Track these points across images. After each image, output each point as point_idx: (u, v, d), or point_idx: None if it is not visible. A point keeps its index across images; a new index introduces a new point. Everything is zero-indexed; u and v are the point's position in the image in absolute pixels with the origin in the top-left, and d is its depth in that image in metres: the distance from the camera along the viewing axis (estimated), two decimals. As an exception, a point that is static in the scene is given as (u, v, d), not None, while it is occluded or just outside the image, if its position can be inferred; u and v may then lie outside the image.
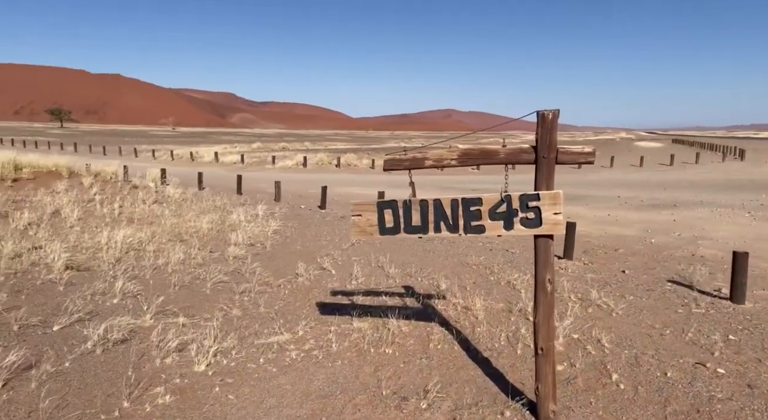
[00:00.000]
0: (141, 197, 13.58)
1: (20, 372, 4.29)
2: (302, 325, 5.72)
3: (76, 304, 5.88)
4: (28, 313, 5.56)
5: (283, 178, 23.50)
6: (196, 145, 57.92)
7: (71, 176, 16.41)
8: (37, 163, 16.95)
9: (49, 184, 14.66)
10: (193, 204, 13.43)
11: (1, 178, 14.95)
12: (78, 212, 11.17)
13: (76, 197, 13.13)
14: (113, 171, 17.71)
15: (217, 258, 8.41)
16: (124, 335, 5.19)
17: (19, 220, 10.04)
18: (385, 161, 4.09)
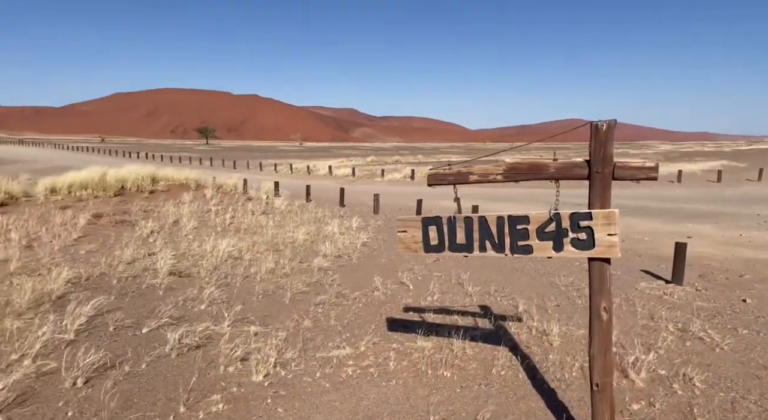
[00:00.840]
0: (251, 208, 14.59)
1: (102, 371, 4.75)
2: (366, 340, 5.67)
3: (168, 309, 6.41)
4: (125, 315, 6.17)
5: (387, 190, 23.89)
6: (316, 159, 61.24)
7: (197, 188, 18.17)
8: (172, 177, 19.04)
9: (178, 196, 16.36)
10: (297, 215, 14.12)
11: (140, 189, 17.00)
12: (194, 222, 12.28)
13: (197, 208, 14.48)
14: (234, 183, 19.31)
15: (304, 268, 8.71)
16: (200, 341, 5.53)
17: (144, 228, 11.30)
18: (429, 176, 3.92)
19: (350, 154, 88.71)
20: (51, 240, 10.10)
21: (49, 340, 5.16)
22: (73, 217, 12.23)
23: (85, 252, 9.43)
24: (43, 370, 4.62)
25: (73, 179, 16.53)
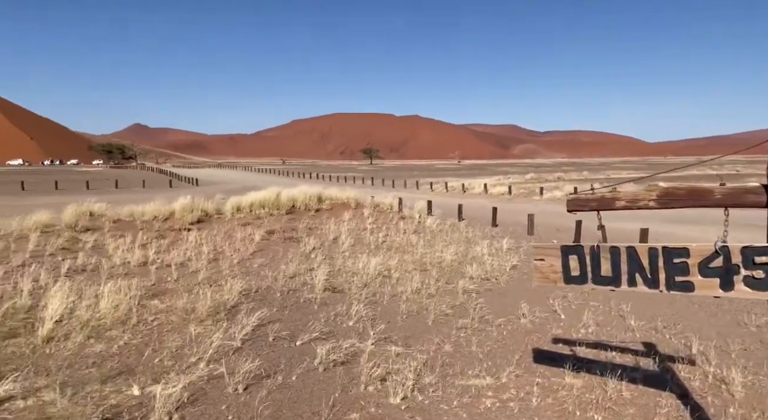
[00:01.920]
0: (403, 227, 15.01)
1: (259, 379, 5.21)
2: (508, 371, 5.40)
3: (320, 323, 6.85)
4: (282, 327, 6.74)
5: (545, 210, 22.74)
6: (472, 177, 60.97)
7: (357, 207, 19.27)
8: (335, 196, 20.48)
9: (339, 214, 17.53)
10: (446, 235, 14.15)
11: (307, 208, 18.60)
12: (351, 240, 13.02)
13: (355, 226, 15.35)
14: (390, 202, 20.09)
15: (449, 290, 8.65)
16: (345, 357, 5.78)
17: (307, 244, 12.30)
18: (568, 202, 3.62)
19: (508, 171, 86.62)
20: (232, 254, 11.51)
21: (219, 347, 5.84)
22: (251, 233, 13.81)
23: (257, 266, 10.56)
24: (213, 374, 5.23)
25: (254, 199, 18.71)
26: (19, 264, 9.81)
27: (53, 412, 4.28)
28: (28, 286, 7.95)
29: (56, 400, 4.44)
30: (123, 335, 6.29)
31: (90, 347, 5.88)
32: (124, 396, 4.68)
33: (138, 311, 7.13)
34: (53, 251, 11.09)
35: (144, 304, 7.52)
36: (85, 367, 5.33)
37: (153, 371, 5.27)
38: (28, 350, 5.73)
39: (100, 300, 7.15)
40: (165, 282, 9.05)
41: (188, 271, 9.84)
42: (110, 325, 6.58)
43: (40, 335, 6.03)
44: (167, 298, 8.00)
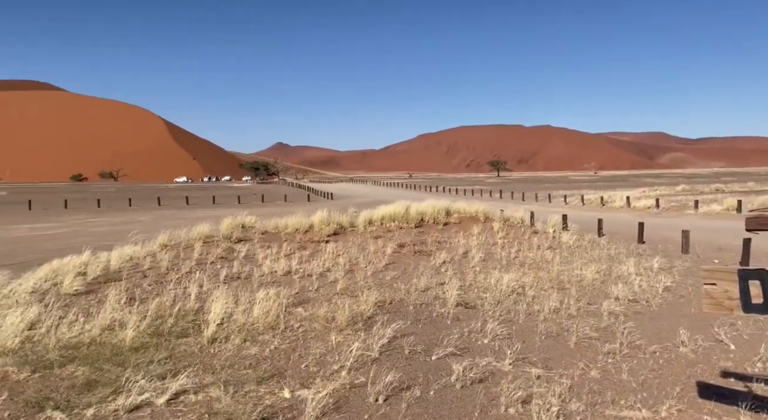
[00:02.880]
0: (536, 242, 14.40)
1: (398, 392, 5.28)
2: (668, 405, 4.87)
3: (454, 339, 6.79)
4: (417, 341, 6.79)
5: (702, 225, 20.41)
6: (612, 189, 56.79)
7: (486, 221, 18.93)
8: (463, 210, 20.34)
9: (467, 228, 17.36)
10: (585, 252, 13.28)
11: (435, 221, 18.68)
12: (481, 254, 12.81)
13: (484, 240, 15.08)
14: (520, 216, 19.43)
15: (592, 311, 8.08)
16: (482, 375, 5.65)
17: (437, 258, 12.34)
18: (748, 220, 3.19)
19: (654, 182, 79.31)
20: (365, 266, 11.94)
21: (359, 356, 6.05)
22: (383, 246, 14.21)
23: (389, 278, 10.82)
24: (354, 383, 5.43)
25: (384, 212, 19.28)
26: (187, 270, 11.12)
27: (219, 408, 4.74)
28: (195, 291, 8.97)
29: (221, 397, 4.92)
30: (273, 340, 6.80)
31: (246, 349, 6.44)
32: (276, 398, 5.04)
33: (285, 318, 7.67)
34: (213, 260, 12.41)
35: (290, 312, 8.07)
36: (243, 367, 5.85)
37: (301, 376, 5.61)
38: (196, 349, 6.45)
39: (254, 306, 7.81)
40: (307, 291, 9.64)
41: (327, 282, 10.39)
42: (262, 330, 7.15)
43: (206, 336, 6.75)
44: (310, 306, 8.50)
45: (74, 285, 9.41)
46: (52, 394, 4.97)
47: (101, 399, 4.86)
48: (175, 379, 5.17)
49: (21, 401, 4.85)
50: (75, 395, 4.94)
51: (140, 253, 12.52)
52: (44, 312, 7.55)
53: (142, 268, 11.37)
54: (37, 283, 9.49)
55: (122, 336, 6.63)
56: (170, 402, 4.86)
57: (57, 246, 17.27)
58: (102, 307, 7.82)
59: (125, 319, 7.14)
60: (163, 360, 6.00)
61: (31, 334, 6.63)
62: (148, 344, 6.52)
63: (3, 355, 5.95)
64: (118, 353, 6.16)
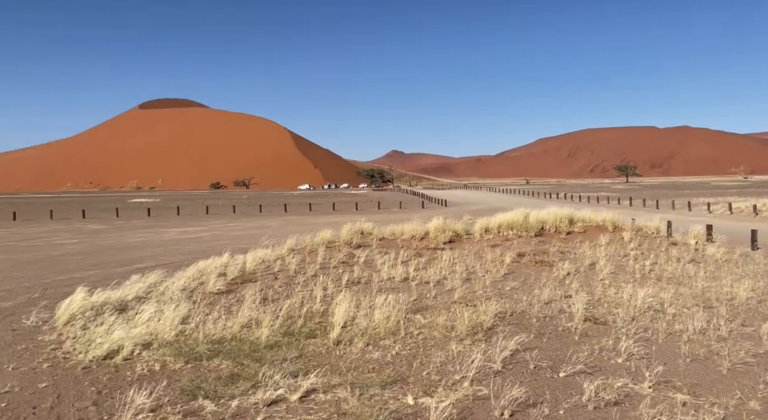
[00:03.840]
0: (675, 255, 13.11)
1: (524, 408, 5.07)
2: None
3: (583, 356, 6.40)
4: (542, 356, 6.50)
5: None
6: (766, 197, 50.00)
7: (615, 230, 17.65)
8: (588, 218, 19.16)
9: (594, 238, 16.31)
10: (737, 267, 11.82)
11: (557, 230, 17.81)
12: (610, 266, 11.94)
13: (614, 251, 14.05)
14: (656, 226, 17.84)
15: (748, 334, 7.16)
16: (617, 398, 5.25)
17: (561, 269, 11.73)
18: None
19: (819, 185, 68.48)
20: (483, 275, 11.71)
21: (481, 367, 5.94)
22: (501, 254, 13.85)
23: (509, 288, 10.50)
24: (477, 395, 5.33)
25: (501, 220, 18.79)
26: (312, 274, 11.75)
27: (347, 408, 4.92)
28: (320, 294, 9.45)
29: (348, 398, 5.11)
30: (394, 345, 6.92)
31: (369, 353, 6.63)
32: (400, 403, 5.11)
33: (405, 324, 7.77)
34: (335, 264, 12.99)
35: (409, 318, 8.16)
36: (367, 371, 6.02)
37: (423, 383, 5.64)
38: (323, 350, 6.77)
39: (374, 311, 8.03)
40: (425, 298, 9.69)
41: (444, 290, 10.35)
42: (383, 335, 7.31)
43: (331, 338, 7.06)
44: (428, 314, 8.53)
45: (217, 285, 10.38)
46: (202, 384, 5.51)
47: (243, 391, 5.29)
48: (306, 378, 5.46)
49: (177, 389, 5.45)
50: (221, 386, 5.43)
51: (271, 256, 13.48)
52: (193, 308, 8.43)
53: (273, 270, 12.23)
54: (186, 282, 10.61)
55: (258, 334, 7.17)
56: (302, 399, 5.15)
57: (200, 248, 19.21)
58: (240, 306, 8.53)
59: (260, 318, 7.71)
60: (294, 359, 6.38)
61: (183, 328, 7.43)
62: (281, 343, 6.97)
63: (162, 346, 6.73)
64: (255, 350, 6.67)
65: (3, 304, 9.95)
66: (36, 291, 11.17)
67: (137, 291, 9.52)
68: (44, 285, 11.97)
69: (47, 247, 21.03)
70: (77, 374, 6.00)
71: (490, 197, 71.07)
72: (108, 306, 8.37)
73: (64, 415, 4.95)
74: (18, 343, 7.27)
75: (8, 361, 6.49)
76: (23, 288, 11.62)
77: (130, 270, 13.31)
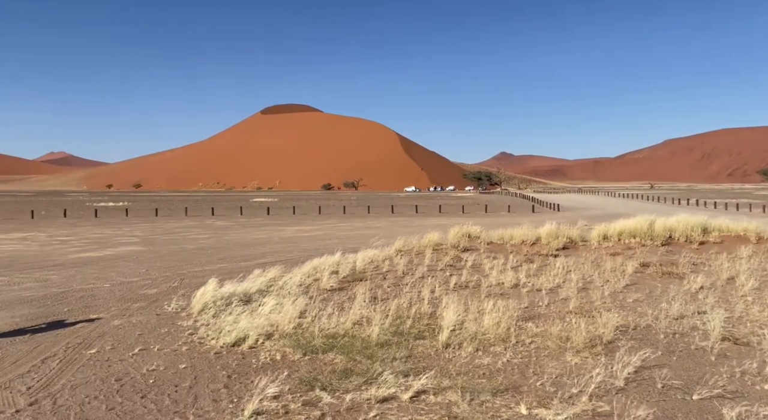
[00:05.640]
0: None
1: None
2: None
3: (721, 379, 5.77)
4: (671, 375, 5.95)
5: None
6: None
7: (759, 242, 15.73)
8: (726, 227, 17.25)
9: (732, 249, 14.64)
10: None
11: (688, 240, 16.23)
12: (753, 281, 10.64)
13: (758, 265, 12.52)
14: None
15: None
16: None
17: (693, 282, 10.67)
18: None
19: None
20: (602, 285, 10.99)
21: (601, 383, 5.59)
22: (622, 264, 12.91)
23: (632, 300, 9.76)
24: (598, 411, 5.02)
25: (622, 227, 17.52)
26: (420, 276, 11.83)
27: (457, 412, 4.89)
28: (428, 296, 9.48)
29: (458, 402, 5.07)
30: (505, 352, 6.74)
31: (479, 359, 6.53)
32: (513, 412, 4.97)
33: (516, 332, 7.54)
34: (443, 267, 12.96)
35: (520, 326, 7.91)
36: (477, 376, 5.93)
37: (536, 394, 5.44)
38: (432, 352, 6.79)
39: (483, 316, 7.88)
40: (537, 306, 9.32)
41: (558, 298, 9.89)
42: (493, 341, 7.15)
43: (440, 341, 7.06)
44: (541, 322, 8.20)
45: (330, 282, 10.84)
46: (319, 376, 5.79)
47: (356, 386, 5.48)
48: (417, 378, 5.51)
49: (296, 379, 5.77)
50: (336, 380, 5.66)
51: (379, 256, 13.79)
52: (309, 303, 8.89)
53: (382, 270, 12.49)
54: (302, 278, 11.20)
55: (369, 331, 7.37)
56: (413, 399, 5.21)
57: (314, 246, 20.20)
58: (352, 303, 8.83)
59: (371, 316, 7.92)
60: (404, 358, 6.47)
61: (301, 322, 7.86)
62: (391, 342, 7.10)
63: (282, 338, 7.18)
64: (366, 347, 6.86)
65: (149, 291, 11.23)
66: (175, 280, 12.46)
67: (259, 284, 10.23)
68: (181, 275, 13.32)
69: (183, 241, 23.36)
70: (210, 358, 6.60)
71: (608, 202, 66.65)
72: (235, 297, 9.10)
73: (201, 395, 5.47)
74: (162, 327, 8.16)
75: (154, 343, 7.31)
76: (164, 277, 13.02)
77: (252, 264, 14.36)
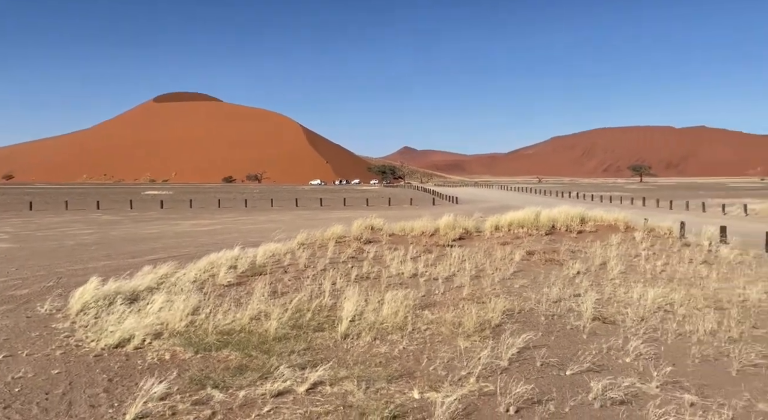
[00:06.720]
0: (688, 256, 12.98)
1: (530, 405, 5.08)
2: None
3: (591, 355, 6.38)
4: (549, 354, 6.49)
5: None
6: (782, 196, 49.23)
7: (627, 230, 17.52)
8: (601, 217, 19.03)
9: (605, 237, 16.20)
10: (750, 268, 11.68)
11: (568, 229, 17.72)
12: (621, 266, 11.86)
13: (625, 251, 13.96)
14: (668, 226, 17.67)
15: (759, 336, 7.09)
16: (625, 397, 5.23)
17: (571, 268, 11.68)
18: None
19: (838, 188, 67.34)
20: (492, 272, 11.69)
21: (487, 364, 5.95)
22: (511, 252, 13.81)
23: (518, 286, 10.48)
24: (484, 391, 5.35)
25: (512, 218, 18.71)
26: (322, 268, 11.81)
27: (353, 401, 4.97)
28: (329, 288, 9.50)
29: (354, 391, 5.15)
30: (402, 340, 6.95)
31: (376, 347, 6.67)
32: (406, 397, 5.14)
33: (413, 320, 7.79)
34: (345, 259, 13.03)
35: (417, 314, 8.18)
36: (374, 365, 6.06)
37: (429, 378, 5.67)
38: (331, 343, 6.82)
39: (383, 306, 8.06)
40: (433, 294, 9.70)
41: (453, 286, 10.35)
42: (391, 330, 7.34)
43: (339, 332, 7.11)
44: (436, 310, 8.54)
45: (227, 277, 10.48)
46: (211, 374, 5.59)
47: (251, 382, 5.36)
48: (314, 370, 5.51)
49: (187, 378, 5.52)
50: (229, 377, 5.50)
51: (281, 250, 13.56)
52: (203, 300, 8.53)
53: (283, 264, 12.30)
54: (197, 273, 10.72)
55: (267, 326, 7.23)
56: (309, 391, 5.21)
57: (212, 240, 19.38)
58: (250, 298, 8.61)
59: (269, 311, 7.78)
60: (302, 351, 6.44)
61: (193, 319, 7.52)
62: (289, 335, 7.04)
63: (172, 336, 6.82)
64: (264, 342, 6.73)
65: (18, 292, 10.13)
66: (50, 279, 11.35)
67: (149, 282, 9.64)
68: (58, 274, 12.17)
69: (62, 237, 21.34)
70: (89, 362, 6.11)
71: (502, 195, 70.73)
72: (120, 296, 8.50)
73: (76, 401, 5.05)
74: (32, 330, 7.41)
75: (23, 348, 6.63)
76: (38, 276, 11.82)
77: (142, 261, 13.47)
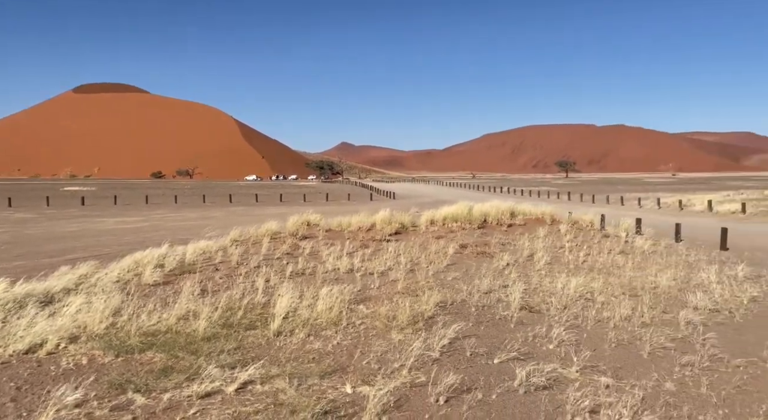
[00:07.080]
0: (607, 247, 13.79)
1: (459, 394, 5.22)
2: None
3: (517, 343, 6.64)
4: (479, 343, 6.69)
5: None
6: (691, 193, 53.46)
7: (552, 223, 18.35)
8: (529, 211, 19.80)
9: (533, 230, 16.88)
10: (661, 257, 12.57)
11: (499, 223, 18.32)
12: (547, 257, 12.42)
13: (551, 243, 14.62)
14: (590, 219, 18.68)
15: (667, 320, 7.64)
16: (547, 382, 5.48)
17: (501, 260, 12.09)
18: None
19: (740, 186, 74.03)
20: (427, 266, 11.89)
21: (420, 356, 6.05)
22: (444, 246, 14.10)
23: (451, 279, 10.72)
24: (415, 382, 5.43)
25: (447, 212, 19.11)
26: (255, 265, 11.54)
27: (284, 399, 4.89)
28: (262, 285, 9.30)
29: (286, 389, 5.07)
30: (336, 335, 6.92)
31: (310, 344, 6.61)
32: (339, 392, 5.13)
33: (347, 315, 7.79)
34: (280, 256, 12.81)
35: (352, 309, 8.18)
36: (307, 361, 6.00)
37: (362, 372, 5.68)
38: (263, 341, 6.68)
39: (317, 302, 7.99)
40: (369, 289, 9.73)
41: (388, 280, 10.44)
42: (325, 325, 7.30)
43: (272, 329, 6.98)
44: (371, 304, 8.58)
45: (153, 276, 10.01)
46: (133, 378, 5.31)
47: (176, 384, 5.15)
48: (244, 369, 5.38)
49: (105, 383, 5.22)
50: (153, 380, 5.26)
51: (213, 247, 13.13)
52: (126, 300, 8.10)
53: (214, 261, 11.92)
54: (120, 273, 10.18)
55: (195, 326, 6.98)
56: (239, 391, 5.07)
57: (138, 239, 18.47)
58: (177, 298, 8.27)
59: (198, 310, 7.51)
60: (232, 350, 6.26)
61: (115, 321, 7.12)
62: (219, 335, 6.83)
63: (91, 340, 6.43)
64: (191, 342, 6.49)
65: None
66: (-48, 284, 10.39)
67: (66, 283, 9.04)
68: (-38, 277, 11.15)
69: (-33, 237, 19.60)
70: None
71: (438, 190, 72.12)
72: (32, 298, 7.90)
73: (-21, 414, 4.66)
74: (-71, 339, 6.75)
75: None
76: (-63, 281, 10.78)
77: (59, 261, 12.62)
